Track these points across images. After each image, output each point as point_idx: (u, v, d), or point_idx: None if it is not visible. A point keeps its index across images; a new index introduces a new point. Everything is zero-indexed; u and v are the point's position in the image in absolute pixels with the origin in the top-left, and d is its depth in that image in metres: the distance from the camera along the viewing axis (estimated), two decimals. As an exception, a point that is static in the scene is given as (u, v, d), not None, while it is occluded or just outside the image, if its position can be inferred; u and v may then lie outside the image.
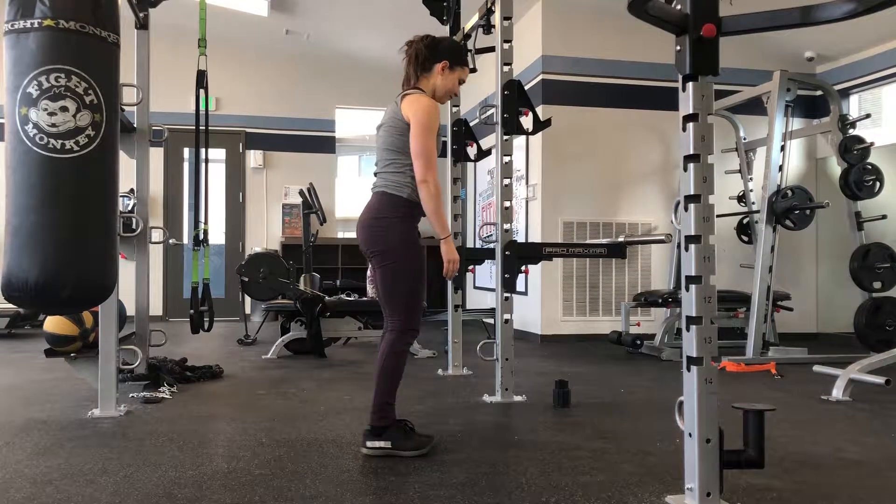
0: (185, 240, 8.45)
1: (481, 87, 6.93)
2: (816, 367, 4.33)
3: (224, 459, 2.63)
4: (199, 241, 4.71)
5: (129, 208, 4.87)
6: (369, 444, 2.67)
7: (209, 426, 3.18)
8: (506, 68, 3.84)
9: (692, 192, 2.05)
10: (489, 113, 3.96)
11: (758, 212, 5.83)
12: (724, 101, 6.31)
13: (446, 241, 2.70)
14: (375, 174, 2.84)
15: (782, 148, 5.64)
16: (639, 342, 5.63)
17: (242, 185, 8.97)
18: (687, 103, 2.06)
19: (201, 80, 4.53)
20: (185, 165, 8.82)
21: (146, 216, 4.04)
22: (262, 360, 5.31)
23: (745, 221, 6.43)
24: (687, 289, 2.07)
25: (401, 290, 2.70)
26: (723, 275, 6.41)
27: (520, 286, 6.80)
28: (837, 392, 3.92)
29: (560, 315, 6.67)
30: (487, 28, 4.31)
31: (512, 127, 3.83)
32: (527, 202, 6.98)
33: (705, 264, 2.05)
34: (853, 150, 5.61)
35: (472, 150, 4.87)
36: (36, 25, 2.55)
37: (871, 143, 5.64)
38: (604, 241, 5.90)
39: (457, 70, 2.84)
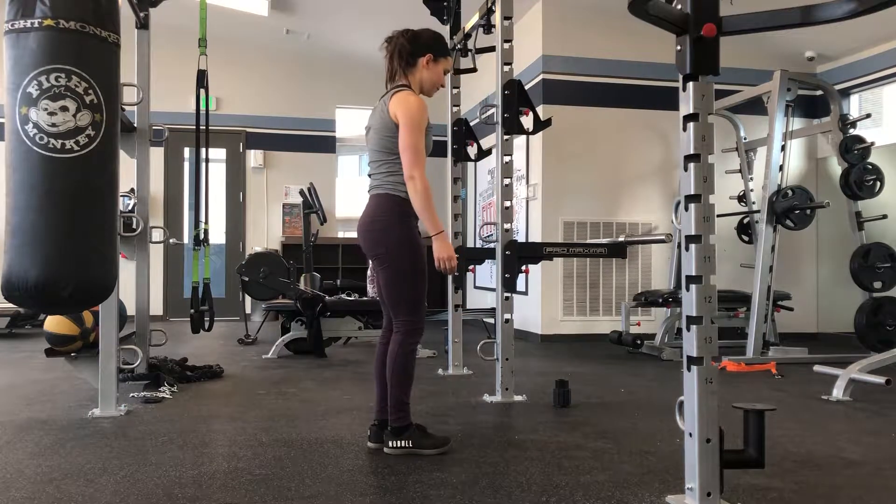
0: (186, 239, 8.45)
1: (481, 86, 6.93)
2: (817, 367, 4.33)
3: (224, 459, 2.63)
4: (200, 241, 4.71)
5: (130, 208, 4.88)
6: (392, 443, 2.68)
7: (209, 426, 3.18)
8: (506, 68, 3.84)
9: (692, 192, 2.05)
10: (489, 113, 3.96)
11: (758, 212, 5.83)
12: (724, 101, 6.31)
13: (438, 237, 2.67)
14: (370, 175, 2.84)
15: (783, 148, 5.64)
16: (639, 342, 5.62)
17: (243, 185, 8.97)
18: (687, 103, 2.06)
19: (201, 79, 4.53)
20: (186, 165, 8.82)
21: (146, 216, 4.04)
22: (262, 360, 5.31)
23: (745, 221, 6.43)
24: (687, 288, 2.07)
25: (404, 291, 2.70)
26: (723, 275, 6.41)
27: (520, 286, 6.80)
28: (838, 392, 3.92)
29: (560, 315, 6.66)
30: (488, 28, 4.31)
31: (512, 127, 3.83)
32: (527, 202, 6.98)
33: (706, 264, 2.05)
34: (853, 150, 5.61)
35: (472, 150, 4.87)
36: (36, 25, 2.55)
37: (872, 143, 5.64)
38: (604, 240, 5.90)
39: (441, 61, 2.82)
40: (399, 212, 2.69)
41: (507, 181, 3.86)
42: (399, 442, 2.68)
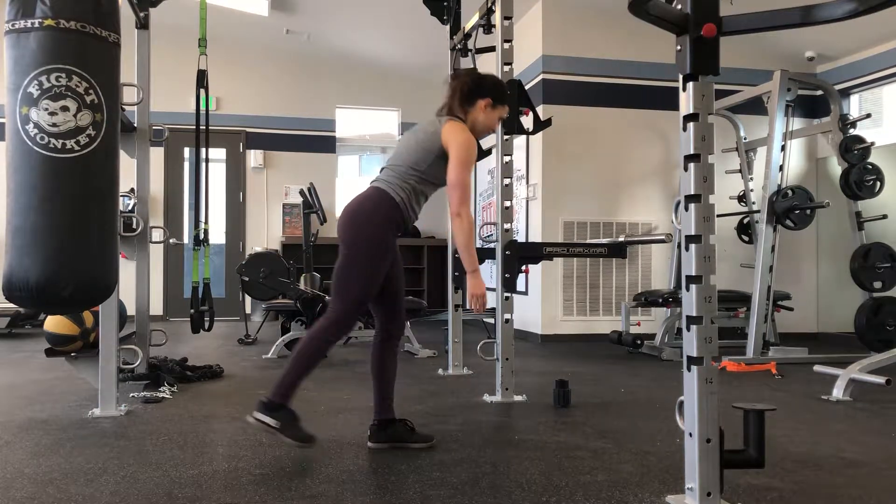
0: (186, 239, 8.45)
1: (482, 86, 6.91)
2: (817, 367, 4.33)
3: (224, 459, 2.63)
4: (200, 241, 4.71)
5: (130, 208, 4.89)
6: (256, 414, 2.60)
7: (209, 426, 3.18)
8: (506, 68, 3.84)
9: (692, 192, 2.05)
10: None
11: (758, 211, 5.83)
12: (724, 101, 6.31)
13: (473, 274, 2.69)
14: (382, 170, 2.84)
15: (783, 148, 5.64)
16: (639, 342, 5.63)
17: (243, 185, 8.97)
18: (687, 103, 2.05)
19: (201, 79, 4.53)
20: (186, 165, 8.82)
21: (146, 216, 4.04)
22: (262, 360, 5.31)
23: (745, 221, 6.43)
24: (687, 288, 2.07)
25: (352, 285, 2.67)
26: (723, 275, 6.41)
27: (520, 286, 6.81)
28: (838, 392, 3.92)
29: (560, 315, 6.67)
30: (488, 28, 4.31)
31: (512, 127, 3.83)
32: (527, 202, 6.98)
33: (706, 264, 2.05)
34: (854, 150, 5.61)
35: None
36: (36, 25, 2.55)
37: (872, 143, 5.65)
38: (604, 240, 5.90)
39: (498, 108, 2.87)
40: (384, 213, 2.68)
41: (507, 181, 3.86)
42: (266, 417, 2.59)
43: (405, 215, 2.71)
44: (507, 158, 3.86)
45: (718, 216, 2.53)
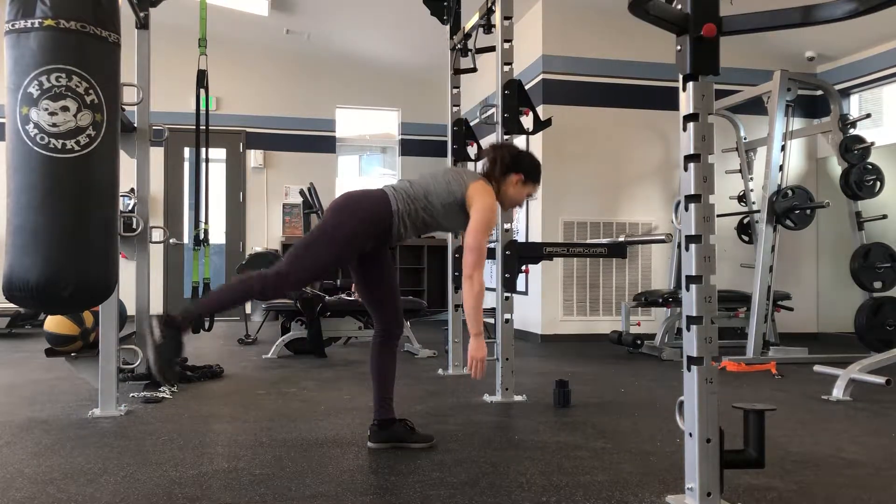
0: (186, 239, 8.45)
1: (482, 86, 6.93)
2: (817, 367, 4.33)
3: (224, 459, 2.63)
4: (200, 241, 4.71)
5: (130, 208, 4.88)
6: (153, 320, 2.53)
7: (209, 426, 3.18)
8: (506, 68, 3.84)
9: (692, 192, 2.05)
10: (489, 112, 3.96)
11: (758, 211, 5.83)
12: (724, 101, 6.31)
13: (476, 337, 2.69)
14: (401, 181, 2.84)
15: (783, 148, 5.64)
16: (639, 342, 5.63)
17: (243, 185, 8.97)
18: (687, 103, 2.06)
19: (201, 79, 4.53)
20: (186, 165, 8.81)
21: (146, 216, 4.04)
22: (262, 360, 5.31)
23: (745, 221, 6.43)
24: (687, 288, 2.07)
25: (306, 256, 2.62)
26: (723, 275, 6.41)
27: (520, 286, 6.81)
28: (838, 392, 3.92)
29: (560, 315, 6.67)
30: (488, 27, 4.31)
31: (512, 126, 3.83)
32: (527, 202, 6.97)
33: (706, 264, 2.05)
34: (854, 150, 5.61)
35: (472, 150, 4.86)
36: (36, 25, 2.55)
37: (872, 143, 5.65)
38: (604, 240, 5.90)
39: (529, 185, 2.91)
40: (375, 214, 2.67)
41: (507, 181, 3.85)
42: (157, 329, 2.51)
43: (395, 228, 2.68)
44: (507, 158, 3.85)
45: (718, 216, 2.53)
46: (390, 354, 2.87)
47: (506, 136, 3.85)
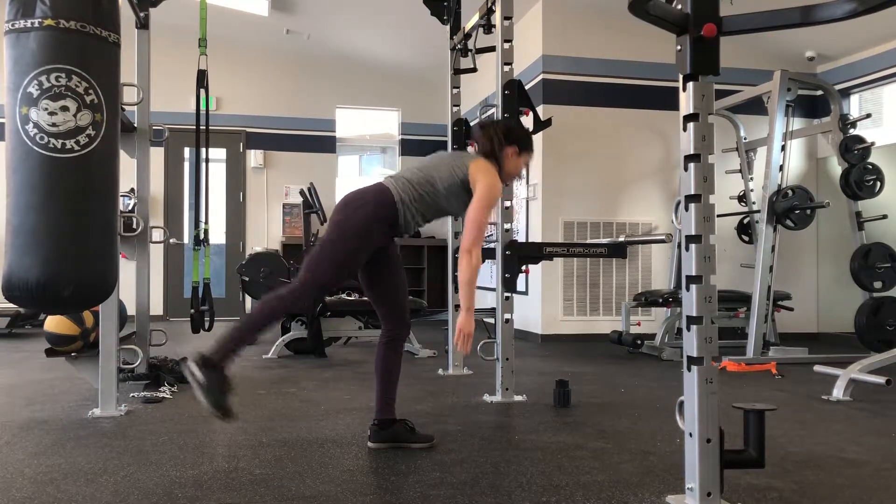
0: (186, 239, 8.45)
1: (482, 86, 6.92)
2: (817, 367, 4.33)
3: (224, 459, 2.63)
4: (200, 241, 4.71)
5: (130, 208, 4.88)
6: (190, 363, 2.49)
7: (209, 426, 3.18)
8: (506, 68, 3.84)
9: (693, 192, 2.05)
10: (489, 112, 3.96)
11: (758, 211, 5.83)
12: (724, 101, 6.31)
13: (467, 312, 2.69)
14: (400, 172, 2.85)
15: (783, 148, 5.64)
16: (639, 342, 5.62)
17: (243, 185, 8.97)
18: (687, 103, 2.06)
19: (201, 79, 4.53)
20: (186, 165, 8.82)
21: (146, 216, 4.04)
22: (262, 360, 5.31)
23: (745, 221, 6.43)
24: (687, 288, 2.07)
25: (324, 263, 2.64)
26: (723, 275, 6.41)
27: (520, 286, 6.81)
28: (838, 392, 3.92)
29: (560, 315, 6.67)
30: (488, 28, 4.31)
31: (512, 127, 3.82)
32: (527, 202, 6.98)
33: (706, 264, 2.05)
34: (854, 150, 5.61)
35: (472, 150, 4.85)
36: (36, 25, 2.55)
37: (872, 143, 5.64)
38: (604, 240, 5.90)
39: (524, 155, 2.95)
40: (379, 205, 2.68)
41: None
42: (197, 371, 2.47)
43: (401, 217, 2.70)
44: (507, 158, 3.85)
45: (718, 216, 2.53)
46: (396, 355, 2.87)
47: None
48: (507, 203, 3.85)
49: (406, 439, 2.79)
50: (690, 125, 2.05)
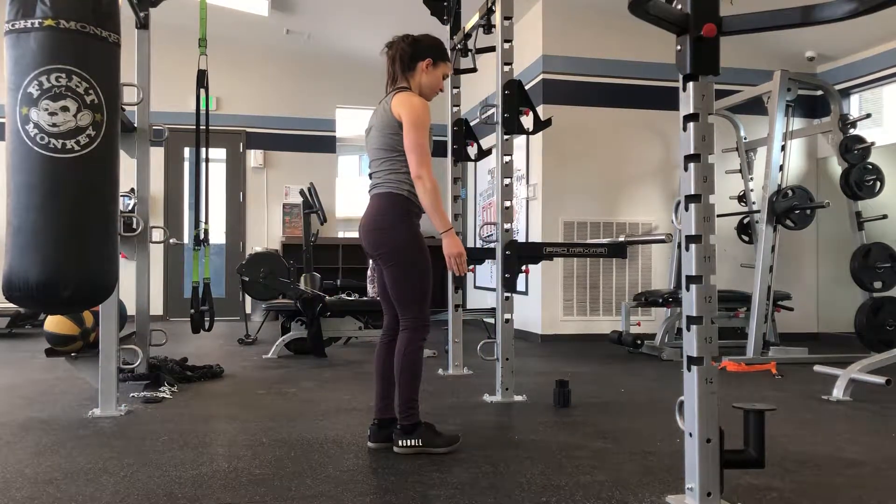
0: (186, 239, 8.45)
1: (482, 86, 6.93)
2: (817, 367, 4.33)
3: (224, 459, 2.63)
4: (200, 241, 4.71)
5: (130, 208, 4.88)
6: (402, 443, 2.68)
7: (209, 426, 3.18)
8: (506, 68, 3.84)
9: (693, 192, 2.05)
10: (489, 112, 3.96)
11: (758, 212, 5.83)
12: (724, 101, 6.30)
13: (447, 234, 2.67)
14: (370, 176, 2.85)
15: (783, 148, 5.64)
16: (639, 342, 5.62)
17: (243, 185, 8.97)
18: (687, 103, 2.06)
19: (201, 79, 4.53)
20: (186, 165, 8.82)
21: (146, 216, 4.04)
22: (262, 360, 5.31)
23: (745, 221, 6.43)
24: (687, 288, 2.07)
25: (409, 289, 2.70)
26: (723, 275, 6.41)
27: (520, 286, 6.81)
28: (838, 392, 3.92)
29: (560, 315, 6.66)
30: (488, 28, 4.31)
31: (512, 127, 3.83)
32: (527, 202, 6.98)
33: (706, 264, 2.05)
34: (854, 150, 5.61)
35: (472, 150, 4.86)
36: (37, 25, 2.55)
37: (872, 143, 5.64)
38: (604, 240, 5.90)
39: (440, 66, 2.85)
40: (401, 210, 2.70)
41: (507, 181, 3.86)
42: (409, 441, 2.68)
43: (414, 200, 2.71)
44: (507, 158, 3.86)
45: (718, 216, 2.53)
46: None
47: (505, 137, 3.85)
48: (507, 203, 3.85)
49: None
50: (690, 125, 2.05)
